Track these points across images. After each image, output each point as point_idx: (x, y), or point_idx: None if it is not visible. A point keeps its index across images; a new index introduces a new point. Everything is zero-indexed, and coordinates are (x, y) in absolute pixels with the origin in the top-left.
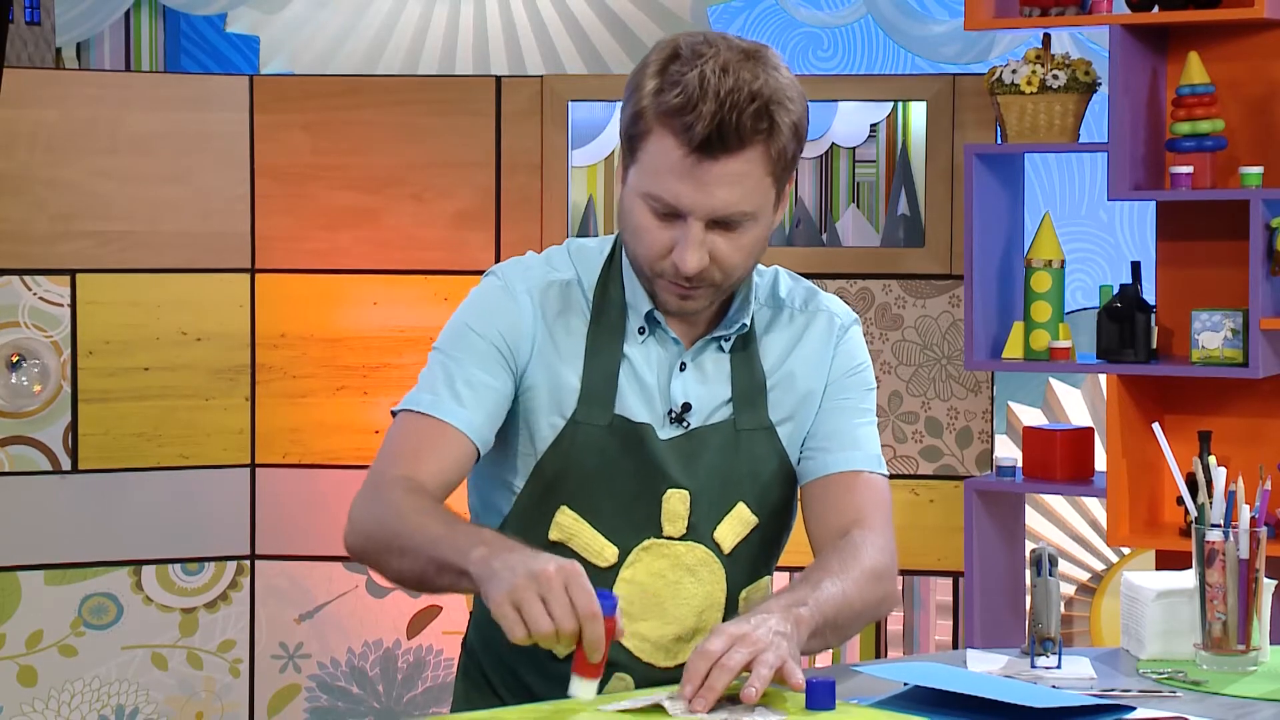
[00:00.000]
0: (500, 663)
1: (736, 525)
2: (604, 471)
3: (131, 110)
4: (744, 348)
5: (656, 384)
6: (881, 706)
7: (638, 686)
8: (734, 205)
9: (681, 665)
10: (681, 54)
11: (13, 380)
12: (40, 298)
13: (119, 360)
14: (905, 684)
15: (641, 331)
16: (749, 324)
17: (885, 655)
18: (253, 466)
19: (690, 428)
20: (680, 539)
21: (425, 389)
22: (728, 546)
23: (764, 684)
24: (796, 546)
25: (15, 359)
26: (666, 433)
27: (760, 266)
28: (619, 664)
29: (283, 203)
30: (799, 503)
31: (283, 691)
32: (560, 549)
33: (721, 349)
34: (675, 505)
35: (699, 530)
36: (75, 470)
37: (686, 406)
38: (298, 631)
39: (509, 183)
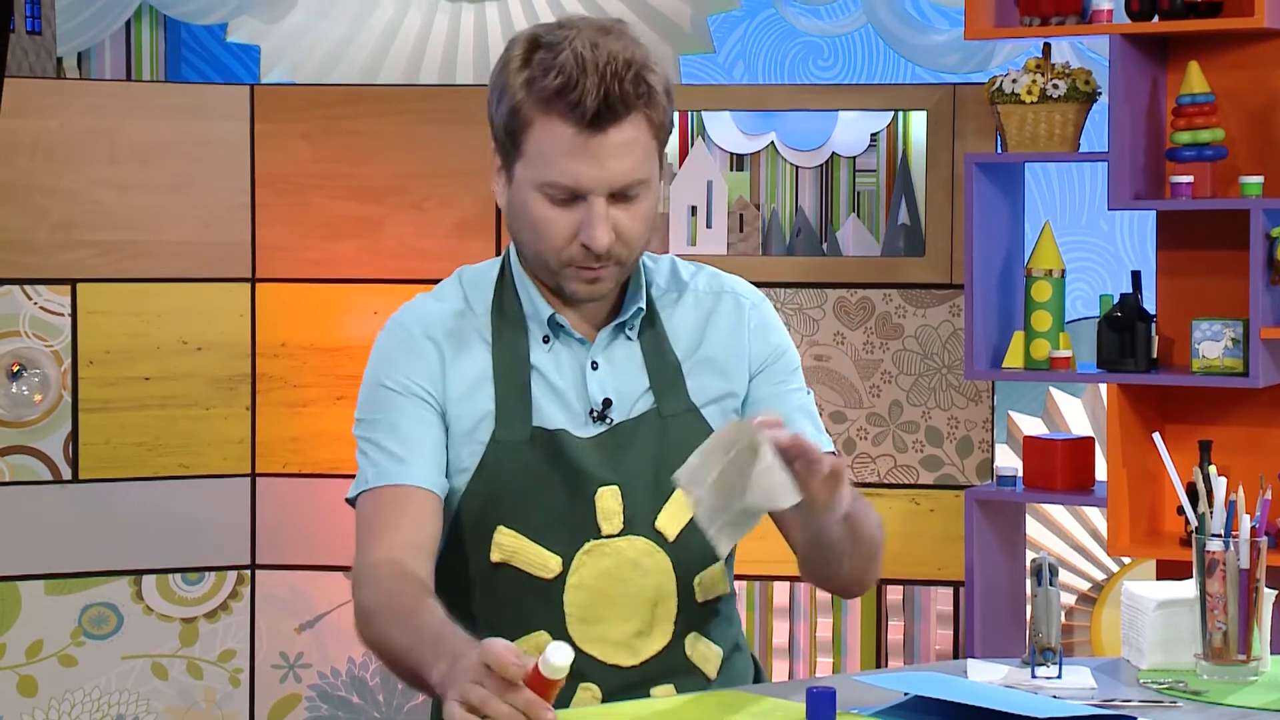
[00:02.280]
0: None
1: (679, 512)
2: (532, 484)
3: (132, 120)
4: (650, 332)
5: (571, 387)
6: (882, 716)
7: (604, 692)
8: (630, 174)
9: (646, 661)
10: (543, 41)
11: (13, 390)
12: (41, 307)
13: (119, 370)
14: (906, 694)
15: (546, 340)
16: (644, 307)
17: (886, 665)
18: (253, 476)
19: (614, 423)
20: (619, 535)
21: (366, 466)
22: (672, 534)
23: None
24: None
25: (16, 368)
26: (590, 431)
27: (653, 254)
28: (584, 674)
29: (283, 212)
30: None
31: (283, 701)
32: (504, 569)
33: (628, 338)
34: (608, 502)
35: (636, 523)
36: (75, 480)
37: (607, 403)
38: (298, 641)
39: None
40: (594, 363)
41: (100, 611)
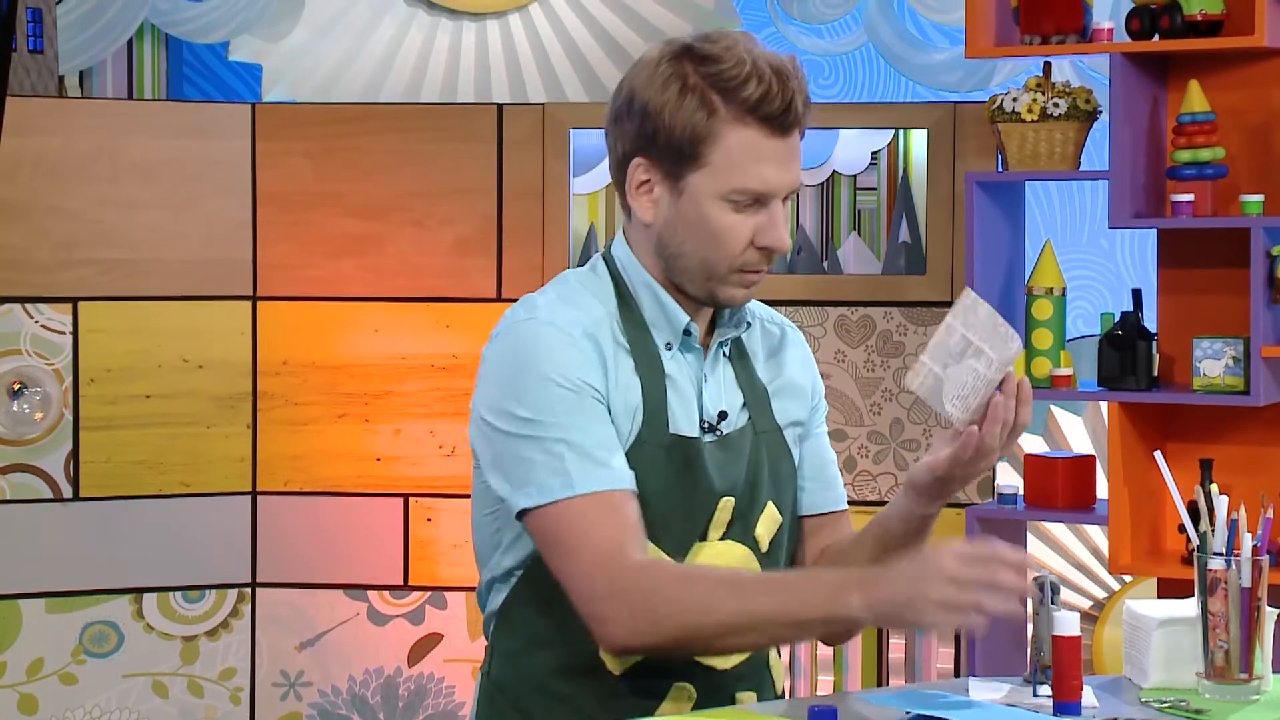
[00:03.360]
0: (539, 690)
1: (769, 524)
2: (661, 488)
3: (134, 138)
4: (738, 350)
5: (694, 396)
6: None
7: (699, 693)
8: (799, 174)
9: (736, 665)
10: (703, 53)
11: (14, 408)
12: (42, 325)
13: (120, 388)
14: (907, 712)
15: (669, 347)
16: (750, 324)
17: (887, 683)
18: (254, 494)
19: (723, 434)
20: (720, 540)
21: (552, 472)
22: (764, 544)
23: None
24: None
25: (17, 387)
26: (704, 441)
27: None
28: (677, 672)
29: (284, 230)
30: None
31: None
32: None
33: (725, 354)
34: (724, 513)
35: (736, 531)
36: (76, 498)
37: (723, 415)
38: (299, 659)
39: (510, 210)
40: (704, 374)
41: (101, 630)
